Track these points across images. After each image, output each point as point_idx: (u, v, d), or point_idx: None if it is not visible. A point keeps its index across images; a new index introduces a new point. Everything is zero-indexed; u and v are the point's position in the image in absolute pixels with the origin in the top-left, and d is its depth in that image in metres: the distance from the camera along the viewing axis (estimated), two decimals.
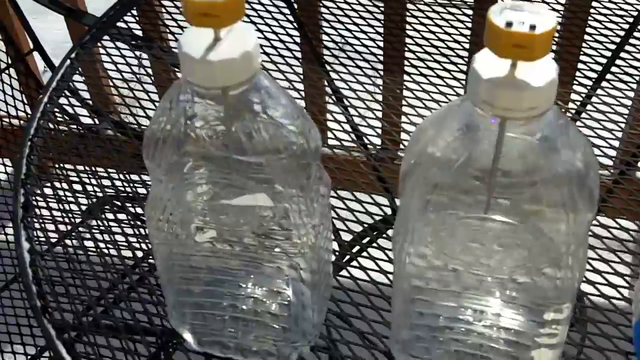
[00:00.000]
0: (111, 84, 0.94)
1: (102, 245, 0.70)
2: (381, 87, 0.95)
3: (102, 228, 0.71)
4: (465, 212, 0.47)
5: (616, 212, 0.72)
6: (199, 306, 0.59)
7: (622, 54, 0.89)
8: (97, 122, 0.88)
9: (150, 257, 0.69)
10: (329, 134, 0.83)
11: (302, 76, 0.92)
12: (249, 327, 0.59)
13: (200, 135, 0.48)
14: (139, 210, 0.75)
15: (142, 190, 0.75)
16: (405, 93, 0.90)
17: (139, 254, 0.69)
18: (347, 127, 0.86)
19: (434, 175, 0.46)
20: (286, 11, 0.98)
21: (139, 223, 0.72)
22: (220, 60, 0.44)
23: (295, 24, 0.99)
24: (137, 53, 0.94)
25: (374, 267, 0.67)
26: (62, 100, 0.86)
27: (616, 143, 0.78)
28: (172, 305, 0.59)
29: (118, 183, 0.77)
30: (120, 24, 0.95)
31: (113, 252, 0.69)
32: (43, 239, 0.71)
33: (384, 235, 0.72)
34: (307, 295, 0.56)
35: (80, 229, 0.73)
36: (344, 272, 0.67)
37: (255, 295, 0.58)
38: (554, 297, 0.49)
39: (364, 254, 0.69)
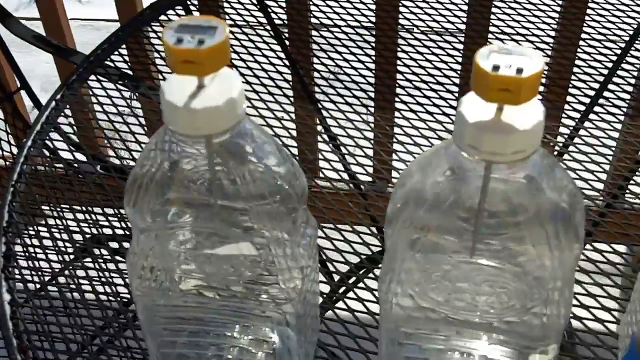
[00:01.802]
0: (100, 124, 0.94)
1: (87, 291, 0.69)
2: (371, 124, 0.95)
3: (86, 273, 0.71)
4: (451, 255, 0.47)
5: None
6: (184, 357, 0.58)
7: (610, 86, 0.91)
8: (81, 160, 0.87)
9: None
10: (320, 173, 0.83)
11: (292, 114, 0.92)
12: None
13: (184, 181, 0.48)
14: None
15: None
16: (396, 130, 0.90)
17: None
18: (339, 165, 0.86)
19: (420, 217, 0.46)
20: (277, 48, 0.98)
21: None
22: (203, 109, 0.43)
23: (286, 61, 0.99)
24: (125, 93, 0.94)
25: (361, 309, 0.66)
26: (49, 141, 0.85)
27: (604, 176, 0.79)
28: (156, 357, 0.58)
29: (104, 223, 0.76)
30: (109, 63, 0.94)
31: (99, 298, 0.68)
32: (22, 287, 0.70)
33: (371, 275, 0.72)
34: (294, 340, 0.56)
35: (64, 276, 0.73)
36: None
37: (240, 345, 0.57)
38: (540, 338, 0.48)
39: (351, 294, 0.68)
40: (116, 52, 0.96)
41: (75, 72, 0.93)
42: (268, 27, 1.01)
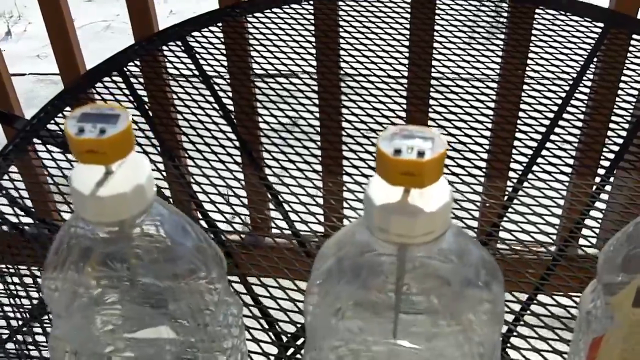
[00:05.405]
0: (46, 187, 0.93)
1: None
2: (322, 190, 0.94)
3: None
4: (374, 337, 0.46)
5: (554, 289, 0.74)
6: None
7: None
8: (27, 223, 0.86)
9: None
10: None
11: (239, 174, 0.91)
12: None
13: (98, 266, 0.47)
14: None
15: None
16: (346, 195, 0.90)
17: None
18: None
19: (338, 298, 0.45)
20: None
21: None
22: (110, 197, 0.42)
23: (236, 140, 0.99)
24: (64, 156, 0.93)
25: None
26: None
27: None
28: None
29: None
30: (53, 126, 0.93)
31: None
32: None
33: None
34: None
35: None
36: None
37: None
38: None
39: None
40: (59, 115, 0.95)
41: (11, 143, 0.92)
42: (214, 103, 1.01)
